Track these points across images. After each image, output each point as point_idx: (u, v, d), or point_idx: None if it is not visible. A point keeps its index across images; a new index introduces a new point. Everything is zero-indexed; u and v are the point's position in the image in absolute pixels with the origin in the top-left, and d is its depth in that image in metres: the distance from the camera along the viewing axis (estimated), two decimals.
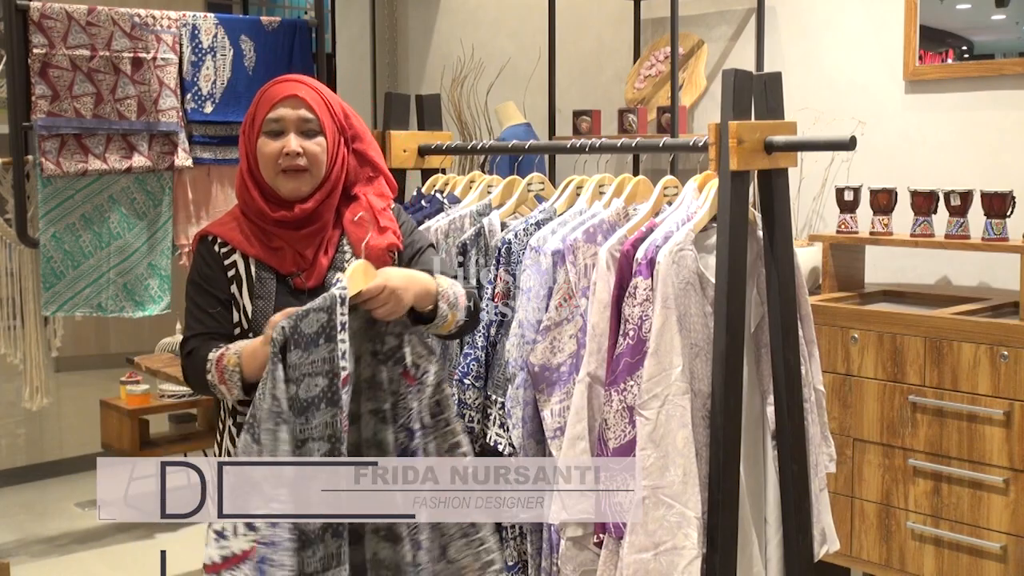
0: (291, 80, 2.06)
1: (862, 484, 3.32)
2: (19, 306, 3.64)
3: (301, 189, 2.01)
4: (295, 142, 1.99)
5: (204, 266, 2.06)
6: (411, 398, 1.95)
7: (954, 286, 3.65)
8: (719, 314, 2.06)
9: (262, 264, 2.03)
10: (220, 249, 2.05)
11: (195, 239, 2.11)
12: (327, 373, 1.85)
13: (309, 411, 1.85)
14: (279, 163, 1.99)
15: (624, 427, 2.04)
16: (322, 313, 1.85)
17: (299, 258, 2.03)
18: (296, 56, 3.94)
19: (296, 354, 1.83)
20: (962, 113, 3.60)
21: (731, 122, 2.04)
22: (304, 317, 1.84)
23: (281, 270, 2.03)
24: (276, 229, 2.03)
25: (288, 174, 2.00)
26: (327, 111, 2.04)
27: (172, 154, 3.64)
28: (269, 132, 2.01)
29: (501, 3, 5.25)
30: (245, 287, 2.03)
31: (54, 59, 3.40)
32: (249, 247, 2.03)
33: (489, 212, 2.46)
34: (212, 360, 1.96)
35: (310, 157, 2.00)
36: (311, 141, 2.01)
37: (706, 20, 4.34)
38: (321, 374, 1.85)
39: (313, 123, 2.02)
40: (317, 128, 2.02)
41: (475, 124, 5.04)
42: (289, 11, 7.74)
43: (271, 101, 2.02)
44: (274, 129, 2.01)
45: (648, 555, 1.99)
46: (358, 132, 2.11)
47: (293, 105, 2.01)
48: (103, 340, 6.14)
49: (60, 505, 4.99)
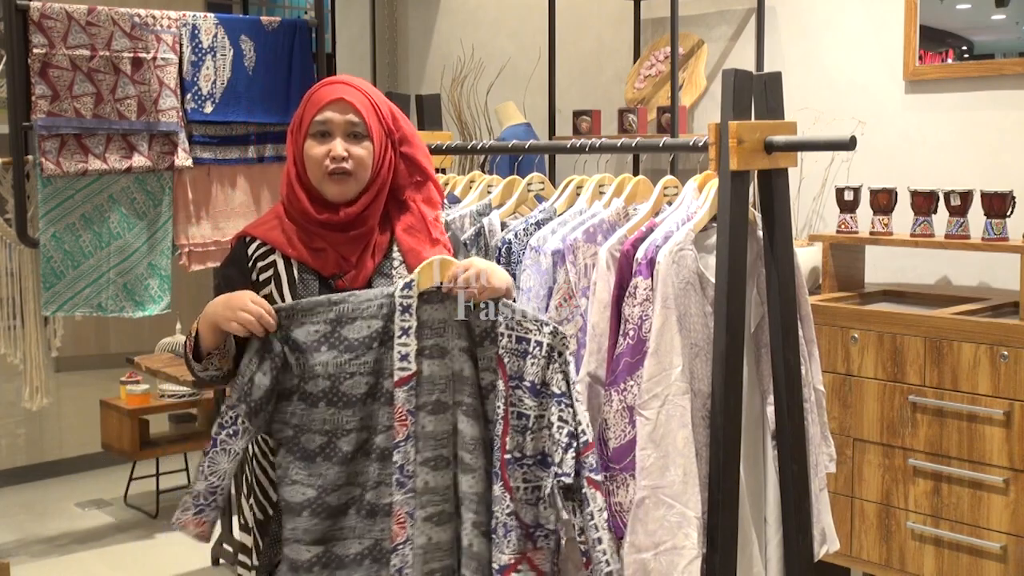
0: (338, 82, 2.04)
1: (862, 484, 3.32)
2: (19, 306, 3.64)
3: (347, 193, 2.01)
4: (341, 146, 1.99)
5: (230, 266, 2.07)
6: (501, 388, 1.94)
7: (954, 286, 3.65)
8: (719, 314, 2.06)
9: (304, 266, 2.03)
10: (257, 250, 2.05)
11: (235, 238, 2.11)
12: (375, 373, 1.93)
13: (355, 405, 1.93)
14: (325, 166, 1.99)
15: (624, 427, 2.04)
16: (375, 321, 1.93)
17: (342, 260, 2.02)
18: (296, 56, 3.93)
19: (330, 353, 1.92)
20: (962, 113, 3.60)
21: (731, 122, 2.04)
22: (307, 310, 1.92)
23: (323, 272, 2.02)
24: (320, 231, 2.02)
25: (334, 178, 1.99)
26: (374, 114, 2.03)
27: (172, 154, 3.64)
28: (316, 135, 2.01)
29: (501, 3, 5.25)
30: (287, 288, 2.02)
31: (54, 59, 3.40)
32: (290, 248, 2.03)
33: (489, 212, 2.46)
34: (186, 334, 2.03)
35: (356, 161, 2.00)
36: (357, 145, 2.00)
37: (706, 20, 4.34)
38: (369, 374, 1.93)
39: (360, 127, 2.01)
40: (364, 132, 2.01)
41: (475, 124, 5.04)
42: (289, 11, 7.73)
43: (318, 104, 2.01)
44: (320, 131, 2.00)
45: (648, 555, 2.00)
46: (406, 135, 2.10)
47: (340, 109, 2.00)
48: (103, 340, 6.13)
49: (60, 505, 5.00)
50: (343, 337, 1.93)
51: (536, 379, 1.92)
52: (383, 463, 1.94)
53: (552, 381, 1.92)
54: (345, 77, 2.08)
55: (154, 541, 4.54)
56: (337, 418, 1.93)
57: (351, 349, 1.93)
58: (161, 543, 4.52)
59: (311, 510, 1.93)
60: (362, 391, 1.93)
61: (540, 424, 1.93)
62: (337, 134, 2.00)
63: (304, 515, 1.93)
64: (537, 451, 1.94)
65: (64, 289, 3.52)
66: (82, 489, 5.20)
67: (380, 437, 1.95)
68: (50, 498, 5.11)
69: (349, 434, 1.93)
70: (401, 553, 1.94)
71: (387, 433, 1.94)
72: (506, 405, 1.93)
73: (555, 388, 1.92)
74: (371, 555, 1.96)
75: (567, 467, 1.90)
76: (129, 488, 5.00)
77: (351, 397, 1.93)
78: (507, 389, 1.93)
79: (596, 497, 1.91)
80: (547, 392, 1.92)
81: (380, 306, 1.95)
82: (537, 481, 1.94)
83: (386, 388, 1.94)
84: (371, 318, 1.94)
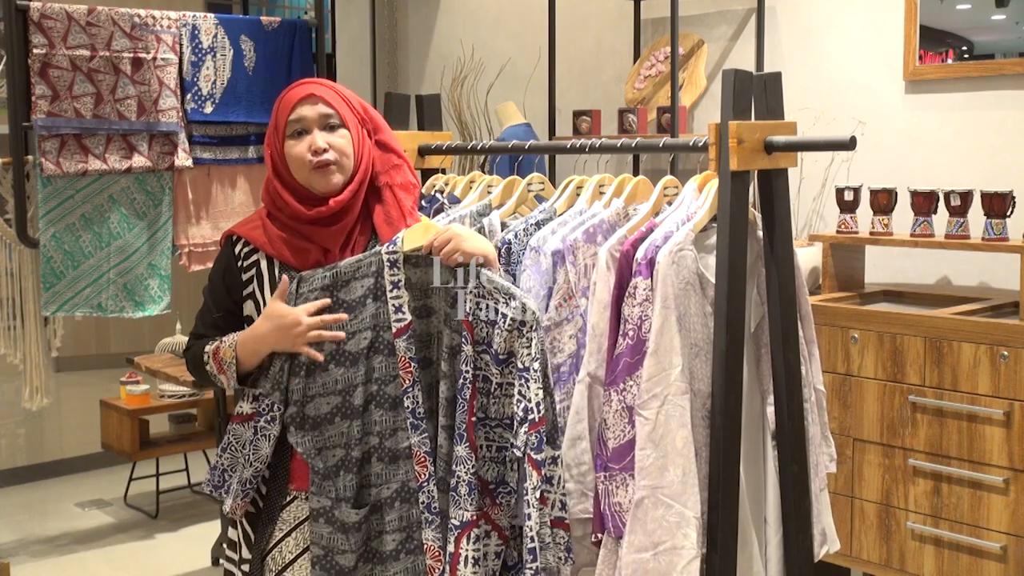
0: (305, 82, 2.11)
1: (862, 484, 3.32)
2: (19, 306, 3.64)
3: (334, 183, 2.06)
4: (320, 139, 2.04)
5: (222, 268, 2.14)
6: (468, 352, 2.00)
7: (954, 286, 3.65)
8: (719, 314, 2.06)
9: (285, 265, 2.09)
10: (243, 249, 2.11)
11: (222, 237, 2.17)
12: (374, 327, 2.04)
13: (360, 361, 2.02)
14: (309, 161, 2.04)
15: (623, 427, 2.04)
16: (367, 279, 2.04)
17: (323, 256, 2.08)
18: (296, 56, 3.94)
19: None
20: (962, 113, 3.60)
21: (731, 122, 2.04)
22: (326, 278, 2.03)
23: (302, 269, 2.07)
24: (310, 228, 2.07)
25: (320, 170, 2.04)
26: (345, 104, 2.09)
27: (172, 154, 3.65)
28: (293, 134, 2.06)
29: (501, 3, 5.25)
30: (267, 286, 2.09)
31: (54, 59, 3.40)
32: (271, 248, 2.08)
33: (489, 212, 2.46)
34: (209, 352, 2.08)
35: (337, 150, 2.05)
36: (335, 135, 2.06)
37: (706, 20, 4.34)
38: (369, 329, 2.03)
39: (334, 117, 2.07)
40: (339, 122, 2.07)
41: (475, 124, 5.04)
42: (289, 11, 7.74)
43: (290, 104, 2.07)
44: (297, 130, 2.06)
45: (647, 555, 2.00)
46: (377, 124, 2.17)
47: (312, 103, 2.06)
48: (103, 340, 6.14)
49: (60, 505, 5.00)
50: (342, 300, 2.04)
51: (500, 349, 2.00)
52: (395, 411, 2.05)
53: (518, 354, 1.99)
54: (309, 78, 2.18)
55: (154, 541, 4.54)
56: (348, 376, 2.02)
57: (350, 309, 2.03)
58: (161, 543, 4.52)
59: (345, 467, 2.02)
60: (365, 346, 2.03)
61: (503, 391, 2.03)
62: (314, 128, 2.05)
63: (342, 474, 2.02)
64: (500, 415, 2.04)
65: (64, 289, 3.52)
66: (82, 489, 5.20)
67: (390, 386, 2.05)
68: (50, 498, 5.11)
69: (358, 388, 2.03)
70: (427, 489, 2.04)
71: (395, 382, 2.05)
72: (474, 369, 2.01)
73: (519, 362, 1.99)
74: (400, 496, 2.05)
75: (519, 441, 1.98)
76: (129, 488, 5.00)
77: (356, 354, 2.02)
78: (475, 353, 2.01)
79: (532, 475, 1.97)
80: (511, 363, 2.00)
81: (370, 263, 2.05)
82: (501, 441, 2.04)
83: (386, 340, 2.05)
84: (363, 277, 2.05)
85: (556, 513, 2.02)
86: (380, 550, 2.04)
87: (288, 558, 2.07)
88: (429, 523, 2.04)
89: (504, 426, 2.04)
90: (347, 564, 2.02)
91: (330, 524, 2.01)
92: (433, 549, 2.03)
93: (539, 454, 1.97)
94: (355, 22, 5.97)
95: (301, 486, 2.06)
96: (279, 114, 2.08)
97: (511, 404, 2.02)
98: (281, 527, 2.08)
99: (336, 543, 2.01)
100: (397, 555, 2.04)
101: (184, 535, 4.62)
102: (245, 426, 2.05)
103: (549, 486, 2.01)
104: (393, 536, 2.04)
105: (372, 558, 2.05)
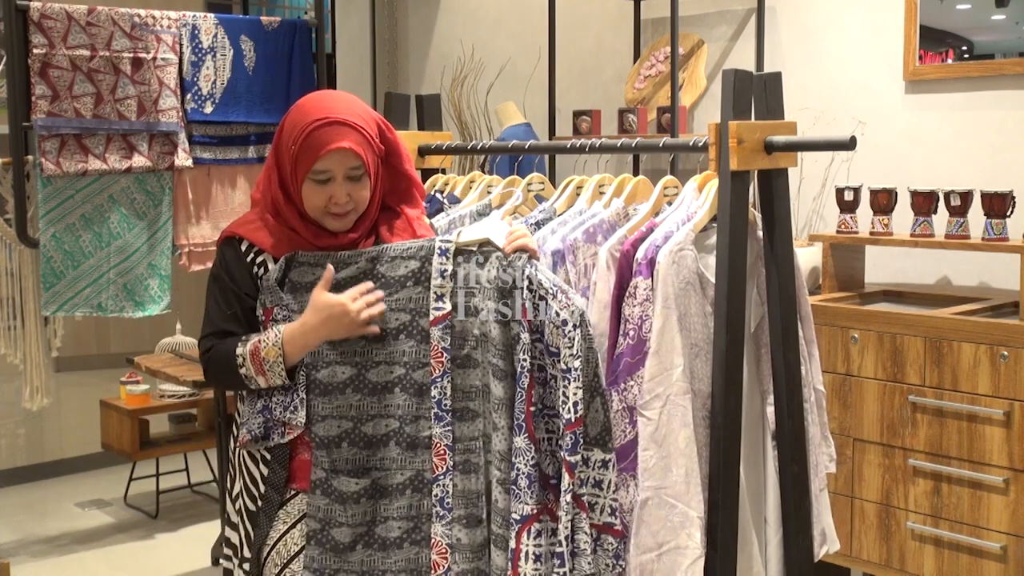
0: (336, 120, 1.99)
1: (862, 484, 3.32)
2: (19, 306, 3.64)
3: (348, 225, 2.06)
4: (343, 192, 2.01)
5: (231, 265, 2.07)
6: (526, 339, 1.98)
7: (954, 286, 3.66)
8: (719, 314, 2.06)
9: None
10: (247, 250, 2.08)
11: (220, 238, 2.11)
12: (411, 311, 2.04)
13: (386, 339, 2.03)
14: (327, 207, 2.02)
15: (625, 427, 2.04)
16: (413, 261, 2.05)
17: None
18: (296, 56, 3.94)
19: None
20: (962, 113, 3.60)
21: (731, 122, 2.04)
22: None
23: None
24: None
25: (336, 216, 2.04)
26: (370, 148, 2.04)
27: (172, 154, 3.65)
28: (316, 179, 2.01)
29: (501, 3, 5.25)
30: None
31: (54, 59, 3.40)
32: (276, 251, 2.06)
33: (489, 212, 2.46)
34: (244, 354, 2.01)
35: (358, 201, 2.04)
36: (358, 185, 2.03)
37: (706, 20, 4.34)
38: (404, 311, 2.04)
39: (359, 169, 2.02)
40: (363, 171, 2.03)
41: (475, 124, 5.04)
42: (289, 11, 7.74)
43: (319, 149, 1.98)
44: (321, 179, 2.01)
45: (651, 555, 2.00)
46: (391, 147, 2.12)
47: (341, 155, 1.99)
48: (103, 340, 6.14)
49: (60, 505, 4.99)
50: (380, 274, 2.04)
51: (550, 342, 1.97)
52: (421, 398, 2.04)
53: (561, 352, 1.96)
54: (336, 107, 2.02)
55: (154, 541, 4.54)
56: (367, 350, 2.02)
57: (387, 285, 2.04)
58: (161, 543, 4.52)
59: (349, 440, 2.02)
60: (395, 326, 2.03)
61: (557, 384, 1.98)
62: (338, 178, 2.01)
63: (344, 446, 2.02)
64: (555, 406, 1.99)
65: (64, 289, 3.52)
66: (82, 489, 5.19)
67: (418, 373, 2.04)
68: (50, 498, 5.11)
69: (378, 366, 2.03)
70: (442, 483, 2.03)
71: (424, 369, 2.04)
72: (531, 358, 1.98)
73: (561, 362, 1.96)
74: (412, 485, 2.04)
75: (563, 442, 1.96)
76: (129, 488, 5.00)
77: (383, 331, 2.02)
78: (532, 343, 1.98)
79: (564, 477, 1.95)
80: (558, 357, 1.97)
81: (420, 248, 2.06)
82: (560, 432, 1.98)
83: (421, 326, 2.04)
84: (410, 259, 2.06)
85: (605, 518, 1.99)
86: (384, 537, 2.03)
87: (288, 555, 2.07)
88: (440, 518, 2.03)
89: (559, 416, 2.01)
90: (343, 540, 2.00)
91: (327, 496, 2.00)
92: (440, 545, 2.02)
93: (573, 456, 1.93)
94: (355, 22, 5.97)
95: (301, 486, 2.06)
96: (304, 151, 1.99)
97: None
98: (280, 527, 2.07)
99: (333, 514, 2.00)
100: (401, 544, 2.03)
101: (184, 535, 4.61)
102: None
103: (597, 490, 1.99)
104: (399, 524, 2.03)
105: (374, 543, 2.03)
